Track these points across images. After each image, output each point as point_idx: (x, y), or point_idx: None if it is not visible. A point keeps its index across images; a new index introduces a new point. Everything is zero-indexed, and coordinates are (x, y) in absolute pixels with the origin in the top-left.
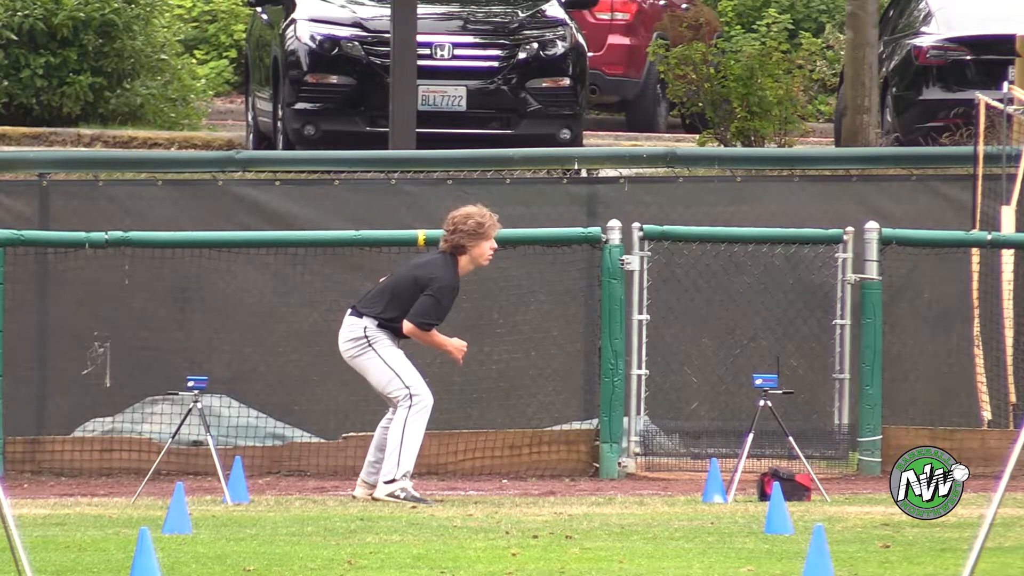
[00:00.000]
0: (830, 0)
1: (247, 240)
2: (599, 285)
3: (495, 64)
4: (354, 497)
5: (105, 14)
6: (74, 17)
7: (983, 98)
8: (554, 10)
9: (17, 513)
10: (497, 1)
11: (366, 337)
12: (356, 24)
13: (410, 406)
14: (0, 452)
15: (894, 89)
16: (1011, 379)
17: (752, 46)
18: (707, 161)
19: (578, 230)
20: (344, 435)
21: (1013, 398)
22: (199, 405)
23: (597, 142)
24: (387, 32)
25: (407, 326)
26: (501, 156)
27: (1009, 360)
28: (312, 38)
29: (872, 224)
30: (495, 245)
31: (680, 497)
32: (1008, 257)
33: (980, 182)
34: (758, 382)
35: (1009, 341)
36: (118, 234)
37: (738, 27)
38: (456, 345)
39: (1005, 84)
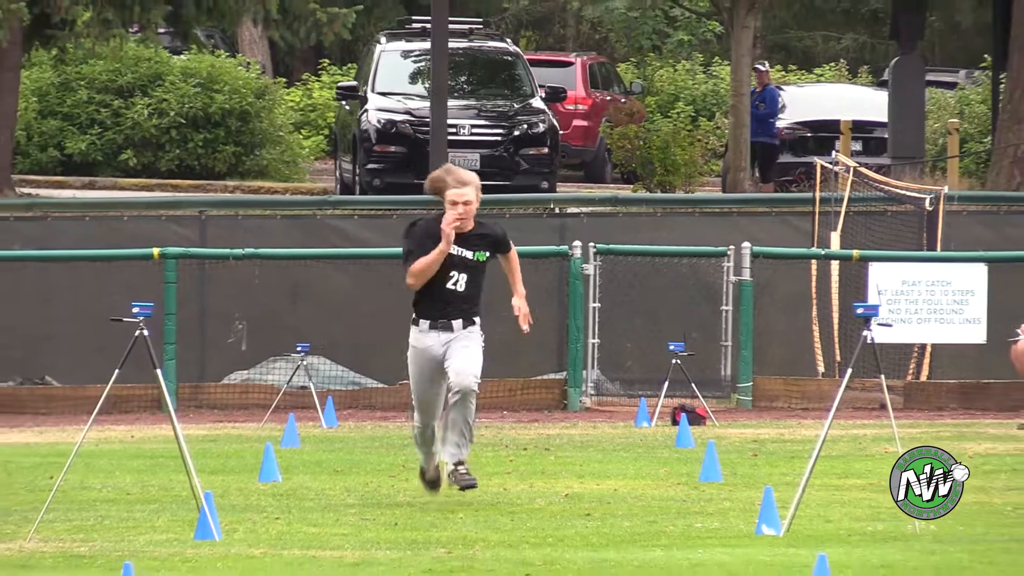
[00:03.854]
0: (719, 96)
1: (335, 254)
2: (567, 284)
3: (498, 139)
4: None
5: (243, 105)
6: (223, 108)
7: (819, 161)
8: (537, 103)
9: (185, 433)
10: (499, 98)
11: None
12: (407, 112)
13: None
14: (175, 393)
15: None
16: (837, 345)
17: (667, 127)
18: (638, 203)
19: (553, 248)
20: (399, 382)
21: (838, 357)
22: (304, 362)
23: (565, 190)
24: (427, 117)
25: None
26: (503, 199)
27: (836, 332)
28: (378, 121)
29: (746, 244)
30: (458, 197)
31: (620, 423)
32: (836, 266)
33: (817, 216)
34: (671, 348)
35: (836, 320)
36: (251, 250)
37: (658, 114)
38: (445, 232)
39: (833, 152)
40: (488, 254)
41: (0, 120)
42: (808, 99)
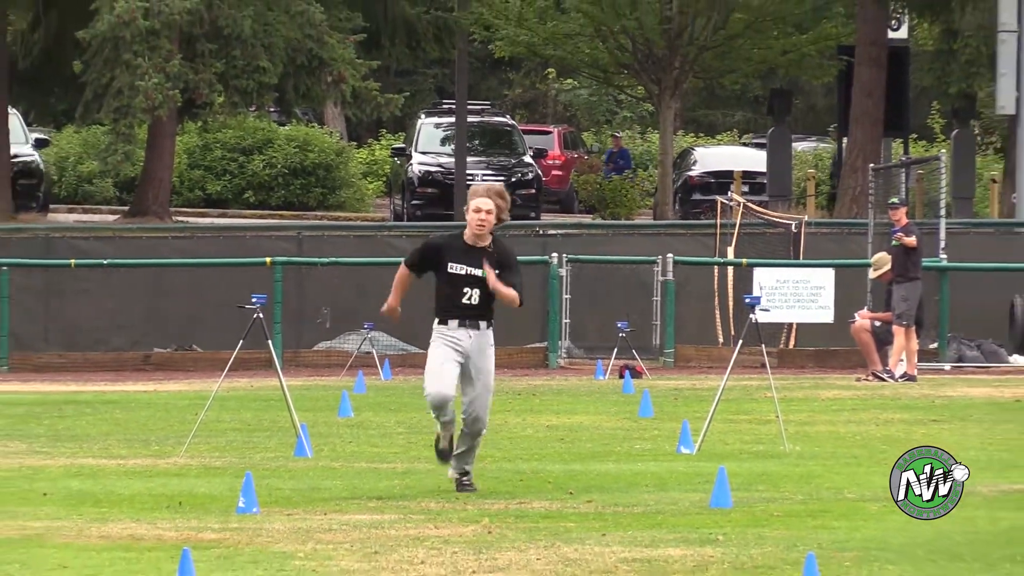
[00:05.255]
0: (651, 155)
1: (390, 262)
2: (547, 282)
3: (501, 183)
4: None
5: (327, 160)
6: (313, 162)
7: (719, 199)
8: (527, 159)
9: (287, 384)
10: (501, 155)
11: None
12: (439, 165)
13: None
14: (280, 356)
15: (679, 194)
16: (731, 323)
17: (615, 177)
18: (596, 227)
19: (538, 257)
20: None
21: (732, 332)
22: (368, 336)
23: (547, 218)
24: (453, 169)
25: None
26: (503, 224)
27: (731, 315)
28: (419, 172)
29: (670, 255)
30: (479, 206)
31: (584, 377)
32: (731, 270)
33: (718, 236)
34: (619, 325)
35: (731, 307)
36: (332, 259)
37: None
38: (389, 304)
39: (729, 192)
40: (497, 272)
41: (162, 170)
42: (712, 156)
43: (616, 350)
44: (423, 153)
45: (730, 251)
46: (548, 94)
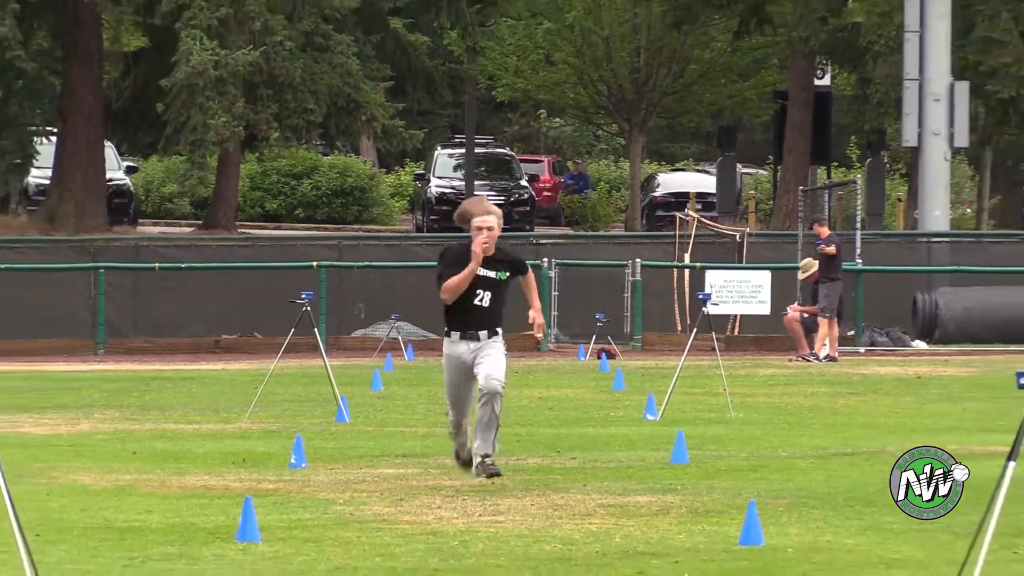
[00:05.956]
0: (623, 179)
1: (412, 266)
2: (539, 282)
3: (502, 202)
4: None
5: (362, 183)
6: (351, 185)
7: (679, 215)
8: (523, 183)
9: (329, 364)
10: (502, 180)
11: None
12: (452, 187)
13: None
14: (324, 341)
15: (646, 211)
16: (688, 315)
17: (594, 196)
18: (579, 237)
19: (532, 261)
20: None
21: (689, 322)
22: (395, 325)
23: (539, 230)
24: (463, 191)
25: None
26: (504, 235)
27: (687, 308)
28: (436, 193)
29: (639, 260)
30: (482, 223)
31: (569, 358)
32: (687, 272)
33: (677, 244)
34: (598, 316)
35: (687, 301)
36: (367, 263)
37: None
38: (475, 252)
39: (686, 209)
40: (508, 274)
41: (229, 191)
42: (672, 180)
43: (595, 337)
44: (439, 178)
45: (687, 257)
46: (540, 130)
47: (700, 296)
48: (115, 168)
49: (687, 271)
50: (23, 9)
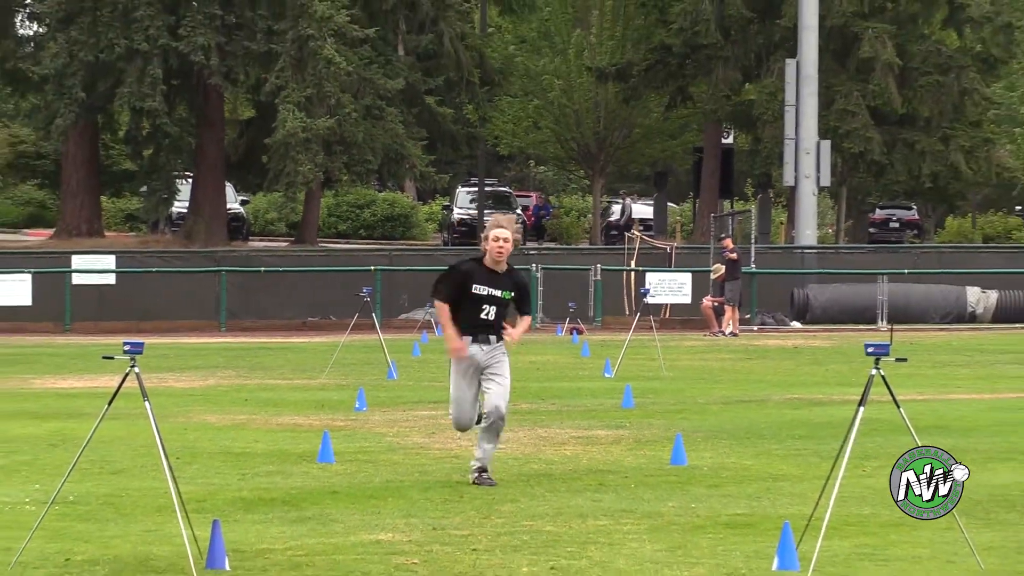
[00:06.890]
0: (588, 209)
1: (441, 269)
2: (530, 281)
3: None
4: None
5: (405, 212)
6: (398, 212)
7: (627, 234)
8: (519, 211)
9: (384, 339)
10: (503, 210)
11: None
12: (468, 215)
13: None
14: (380, 322)
15: (604, 231)
16: (634, 303)
17: (567, 220)
18: (557, 250)
19: (524, 266)
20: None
21: (635, 309)
22: (429, 310)
23: (529, 244)
24: (476, 217)
25: None
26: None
27: (634, 299)
28: (457, 219)
29: (599, 265)
30: (498, 235)
31: (550, 334)
32: (634, 274)
33: (626, 255)
34: (570, 304)
35: (633, 295)
36: (409, 267)
37: (564, 216)
38: (454, 345)
39: (632, 230)
40: (512, 294)
41: (312, 218)
42: (623, 210)
43: (568, 319)
44: (459, 208)
45: (633, 263)
46: (530, 175)
47: (642, 291)
48: (233, 201)
49: (633, 273)
50: (168, 89)
